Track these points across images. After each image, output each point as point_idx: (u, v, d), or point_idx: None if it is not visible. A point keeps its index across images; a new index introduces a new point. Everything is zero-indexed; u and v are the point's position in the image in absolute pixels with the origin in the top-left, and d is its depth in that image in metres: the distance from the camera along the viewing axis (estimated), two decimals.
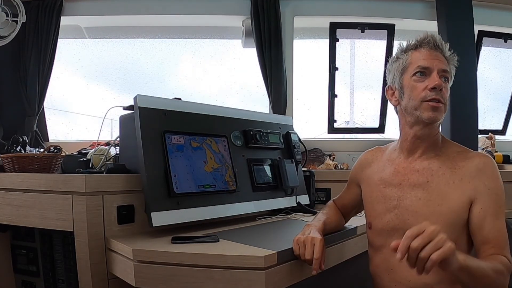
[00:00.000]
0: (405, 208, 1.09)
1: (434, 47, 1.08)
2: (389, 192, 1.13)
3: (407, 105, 1.09)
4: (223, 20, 2.74)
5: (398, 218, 1.10)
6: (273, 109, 2.53)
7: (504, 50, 2.88)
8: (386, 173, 1.16)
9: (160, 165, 1.30)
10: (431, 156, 1.10)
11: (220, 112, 1.60)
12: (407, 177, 1.11)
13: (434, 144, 1.11)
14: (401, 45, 1.15)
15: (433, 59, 1.07)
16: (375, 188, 1.18)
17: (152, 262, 1.06)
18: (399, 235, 1.06)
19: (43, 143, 2.53)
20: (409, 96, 1.08)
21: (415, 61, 1.08)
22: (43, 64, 2.50)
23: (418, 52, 1.09)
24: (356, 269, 1.41)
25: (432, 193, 1.06)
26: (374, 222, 1.17)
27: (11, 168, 1.49)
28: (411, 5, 2.64)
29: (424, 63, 1.06)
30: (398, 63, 1.13)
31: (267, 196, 1.63)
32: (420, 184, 1.08)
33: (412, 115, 1.09)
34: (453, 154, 1.09)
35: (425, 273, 0.83)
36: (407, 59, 1.10)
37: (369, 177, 1.22)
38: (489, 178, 1.03)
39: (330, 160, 2.50)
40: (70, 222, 1.21)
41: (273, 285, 1.01)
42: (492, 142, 2.46)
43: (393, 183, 1.13)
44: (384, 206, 1.13)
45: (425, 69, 1.06)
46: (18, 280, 1.58)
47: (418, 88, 1.06)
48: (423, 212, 1.05)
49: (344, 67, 2.75)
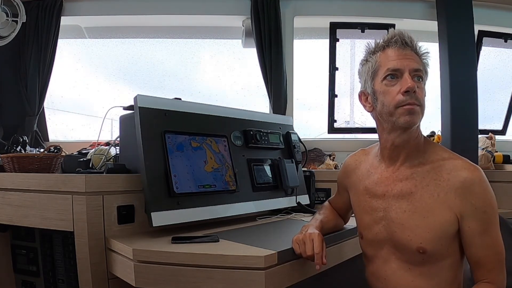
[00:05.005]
0: (391, 220, 1.06)
1: (402, 45, 1.00)
2: (375, 204, 1.09)
3: (382, 112, 1.02)
4: (223, 20, 2.74)
5: (386, 230, 1.07)
6: (273, 109, 2.53)
7: (504, 50, 2.88)
8: (370, 182, 1.12)
9: (160, 165, 1.30)
10: (415, 164, 1.04)
11: (220, 112, 1.60)
12: (390, 187, 1.06)
13: (416, 150, 1.05)
14: (369, 45, 1.07)
15: (403, 58, 0.99)
16: (362, 198, 1.14)
17: (152, 262, 1.06)
18: (389, 246, 1.07)
19: (43, 143, 2.53)
20: (382, 102, 1.01)
21: (384, 64, 1.01)
22: (43, 64, 2.50)
23: (386, 53, 1.01)
24: (356, 269, 1.41)
25: (417, 205, 1.02)
26: (364, 233, 1.14)
27: (11, 168, 1.49)
28: (411, 5, 2.65)
29: (393, 64, 0.99)
30: (367, 66, 1.06)
31: (267, 196, 1.63)
32: (404, 195, 1.04)
33: (388, 121, 1.02)
34: (438, 162, 1.02)
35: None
36: (376, 61, 1.03)
37: (355, 184, 1.18)
38: (476, 196, 0.96)
39: (330, 160, 2.50)
40: (70, 222, 1.21)
41: (273, 285, 1.01)
42: (492, 142, 2.46)
43: (377, 194, 1.09)
44: (371, 217, 1.10)
45: (395, 71, 0.99)
46: (18, 280, 1.58)
47: (391, 93, 0.99)
48: (409, 224, 1.02)
49: (344, 67, 2.75)
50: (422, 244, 1.00)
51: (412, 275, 1.04)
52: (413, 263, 1.03)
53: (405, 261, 1.05)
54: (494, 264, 0.98)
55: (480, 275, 1.00)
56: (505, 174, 2.19)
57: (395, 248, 1.06)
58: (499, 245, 0.99)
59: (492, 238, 0.98)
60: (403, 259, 1.05)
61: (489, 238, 0.98)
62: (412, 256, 1.03)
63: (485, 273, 0.99)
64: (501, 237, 1.00)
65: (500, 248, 0.99)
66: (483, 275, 0.99)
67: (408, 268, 1.04)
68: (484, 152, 2.40)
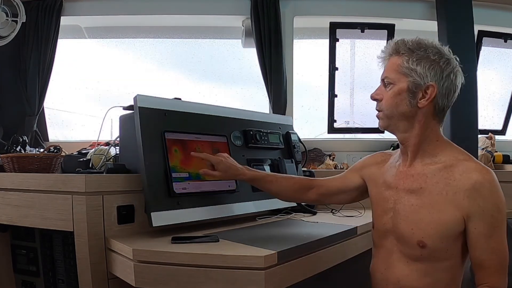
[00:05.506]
0: (398, 212, 1.08)
1: (383, 53, 1.10)
2: (387, 194, 1.13)
3: None
4: (223, 20, 2.74)
5: (392, 221, 1.09)
6: (273, 109, 2.53)
7: (504, 50, 2.88)
8: (388, 175, 1.16)
9: (160, 165, 1.30)
10: (427, 163, 1.07)
11: (220, 112, 1.60)
12: (402, 181, 1.10)
13: (421, 150, 1.07)
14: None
15: (382, 68, 1.09)
16: (379, 190, 1.17)
17: (152, 262, 1.06)
18: (393, 237, 1.09)
19: (43, 143, 2.53)
20: None
21: None
22: (43, 64, 2.50)
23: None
24: (356, 269, 1.41)
25: (424, 201, 1.04)
26: (375, 222, 1.18)
27: (11, 168, 1.48)
28: (411, 5, 2.65)
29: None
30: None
31: (267, 196, 1.62)
32: (413, 190, 1.06)
33: None
34: (451, 162, 1.03)
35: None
36: None
37: (376, 177, 1.21)
38: (485, 199, 0.97)
39: (330, 160, 2.50)
40: (70, 222, 1.21)
41: (273, 285, 1.01)
42: (492, 142, 2.46)
43: (391, 186, 1.13)
44: (382, 207, 1.14)
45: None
46: (18, 280, 1.58)
47: None
48: (413, 218, 1.04)
49: (344, 67, 2.75)
50: (423, 239, 1.01)
51: (409, 269, 1.05)
52: (412, 258, 1.05)
53: (405, 254, 1.06)
54: (496, 268, 0.99)
55: (482, 278, 1.00)
56: (505, 174, 2.19)
57: (397, 240, 1.08)
58: (503, 250, 0.99)
59: (497, 243, 0.98)
60: (404, 252, 1.07)
61: (494, 242, 0.98)
62: (411, 249, 1.04)
63: (487, 276, 0.99)
64: (507, 242, 1.00)
65: (504, 253, 0.99)
66: (485, 278, 0.99)
67: (406, 262, 1.06)
68: (484, 152, 2.40)
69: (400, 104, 1.04)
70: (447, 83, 1.03)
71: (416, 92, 1.03)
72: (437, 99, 1.03)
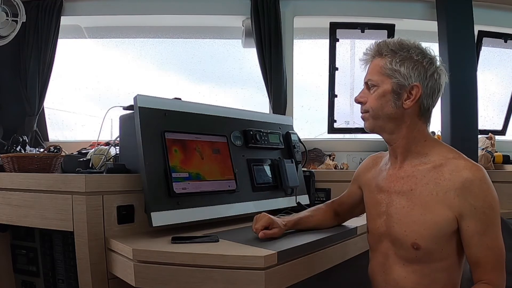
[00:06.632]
0: (391, 215, 1.08)
1: (365, 56, 1.10)
2: (380, 198, 1.13)
3: None
4: (223, 20, 2.74)
5: (386, 224, 1.09)
6: (273, 109, 2.53)
7: (504, 50, 2.88)
8: (380, 178, 1.16)
9: (160, 165, 1.30)
10: (416, 164, 1.06)
11: (220, 112, 1.60)
12: (393, 184, 1.10)
13: (410, 151, 1.07)
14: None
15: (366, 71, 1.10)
16: (372, 194, 1.17)
17: (152, 262, 1.06)
18: (388, 240, 1.09)
19: (43, 143, 2.53)
20: None
21: None
22: (43, 64, 2.50)
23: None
24: (356, 269, 1.41)
25: (416, 202, 1.03)
26: (369, 226, 1.18)
27: (11, 168, 1.48)
28: (411, 5, 2.64)
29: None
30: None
31: (267, 196, 1.63)
32: (404, 192, 1.06)
33: None
34: (441, 161, 1.03)
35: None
36: None
37: (369, 182, 1.21)
38: (476, 196, 0.97)
39: (330, 160, 2.50)
40: (70, 222, 1.21)
41: (273, 285, 1.01)
42: (492, 142, 2.46)
43: (383, 189, 1.12)
44: (376, 211, 1.14)
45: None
46: (18, 280, 1.58)
47: None
48: (406, 220, 1.04)
49: (344, 67, 2.75)
50: (416, 240, 1.01)
51: (406, 271, 1.05)
52: (408, 260, 1.05)
53: (400, 256, 1.06)
54: (493, 265, 0.98)
55: (479, 276, 1.00)
56: (505, 174, 2.19)
57: (392, 243, 1.08)
58: (499, 246, 0.99)
59: (492, 239, 0.98)
60: (399, 254, 1.07)
61: (489, 239, 0.98)
62: (406, 252, 1.04)
63: (484, 273, 0.99)
64: (502, 239, 0.99)
65: (500, 250, 0.99)
66: (482, 275, 0.99)
67: (403, 264, 1.06)
68: (484, 152, 2.40)
69: (385, 105, 1.04)
70: (431, 82, 1.02)
71: (401, 93, 1.02)
72: (422, 99, 1.03)
